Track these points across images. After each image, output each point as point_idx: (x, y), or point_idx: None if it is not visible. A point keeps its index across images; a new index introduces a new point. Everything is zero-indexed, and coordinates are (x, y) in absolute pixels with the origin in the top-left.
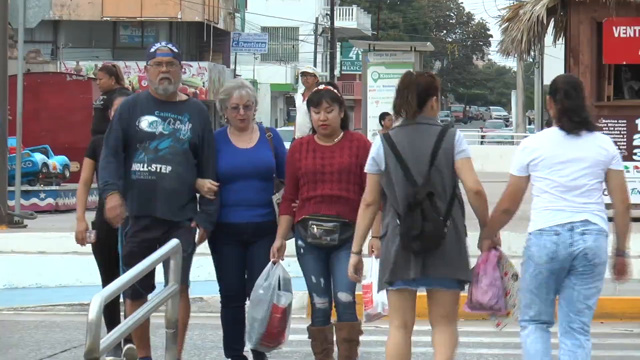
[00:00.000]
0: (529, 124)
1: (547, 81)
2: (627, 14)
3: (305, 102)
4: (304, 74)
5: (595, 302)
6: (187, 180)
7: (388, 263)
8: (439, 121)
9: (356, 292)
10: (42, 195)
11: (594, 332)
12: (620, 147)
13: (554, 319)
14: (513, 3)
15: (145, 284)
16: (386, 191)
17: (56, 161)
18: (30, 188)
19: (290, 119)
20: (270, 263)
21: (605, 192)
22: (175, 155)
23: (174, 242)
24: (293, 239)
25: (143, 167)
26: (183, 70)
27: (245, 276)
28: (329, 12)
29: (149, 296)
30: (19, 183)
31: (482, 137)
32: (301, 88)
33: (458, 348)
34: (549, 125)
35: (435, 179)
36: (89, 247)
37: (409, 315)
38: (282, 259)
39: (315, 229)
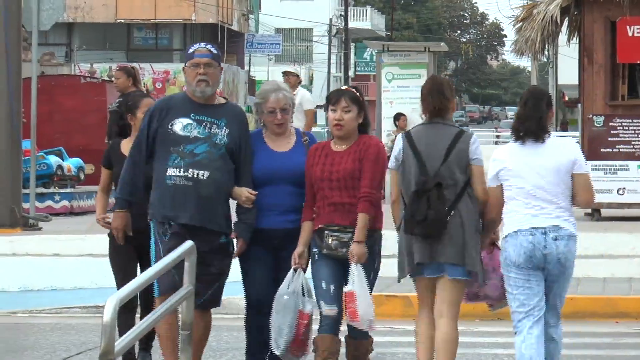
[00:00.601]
0: None
1: (562, 81)
2: None
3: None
4: (285, 73)
5: (565, 296)
6: (224, 187)
7: (402, 255)
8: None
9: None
10: (57, 197)
11: (608, 331)
12: (635, 146)
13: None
14: (527, 3)
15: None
16: (401, 185)
17: (71, 163)
18: (44, 190)
19: None
20: (291, 270)
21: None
22: (212, 161)
23: (188, 243)
24: None
25: (179, 172)
26: None
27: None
28: (342, 13)
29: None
30: (33, 185)
31: (497, 137)
32: None
33: (458, 346)
34: (564, 125)
35: (445, 173)
36: (104, 250)
37: (432, 300)
38: (304, 266)
39: (330, 240)
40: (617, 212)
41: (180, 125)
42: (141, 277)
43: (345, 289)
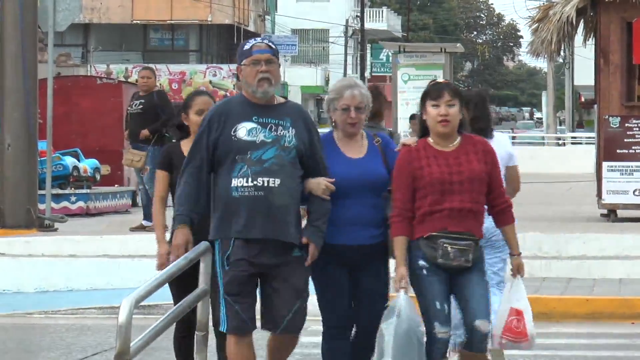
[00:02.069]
0: (560, 124)
1: (578, 82)
2: None
3: None
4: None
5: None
6: (296, 194)
7: None
8: None
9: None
10: (73, 198)
11: (625, 332)
12: None
13: None
14: (543, 4)
15: (251, 314)
16: None
17: (87, 164)
18: (60, 191)
19: (321, 121)
20: (402, 294)
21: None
22: (282, 166)
23: (203, 244)
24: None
25: (247, 181)
26: (213, 73)
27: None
28: (359, 14)
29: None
30: (49, 186)
31: (513, 137)
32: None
33: None
34: (580, 125)
35: None
36: (119, 251)
37: None
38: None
39: (449, 249)
40: (634, 213)
41: (244, 130)
42: (159, 277)
43: (513, 304)
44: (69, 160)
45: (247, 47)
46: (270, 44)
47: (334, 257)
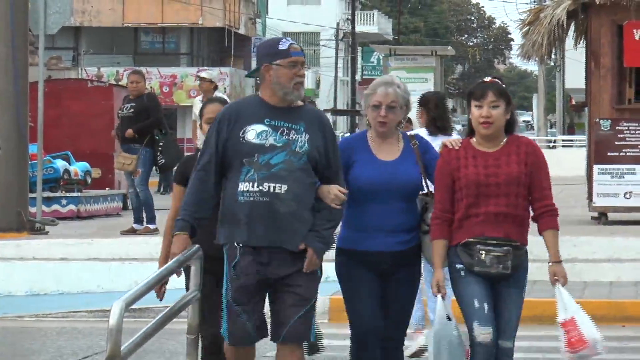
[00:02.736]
0: (551, 127)
1: (569, 85)
2: None
3: None
4: (200, 79)
5: None
6: (306, 201)
7: None
8: (459, 126)
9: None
10: (64, 201)
11: (615, 335)
12: None
13: None
14: (534, 7)
15: (258, 323)
16: None
17: (78, 167)
18: (51, 195)
19: None
20: (439, 299)
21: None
22: (291, 172)
23: (194, 247)
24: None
25: (253, 186)
26: None
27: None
28: (350, 17)
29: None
30: (40, 190)
31: None
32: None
33: None
34: (571, 129)
35: None
36: (110, 254)
37: None
38: (446, 292)
39: (484, 256)
40: (624, 216)
41: (253, 132)
42: (149, 280)
43: (560, 318)
44: (60, 164)
45: (283, 47)
46: (301, 47)
47: (364, 264)
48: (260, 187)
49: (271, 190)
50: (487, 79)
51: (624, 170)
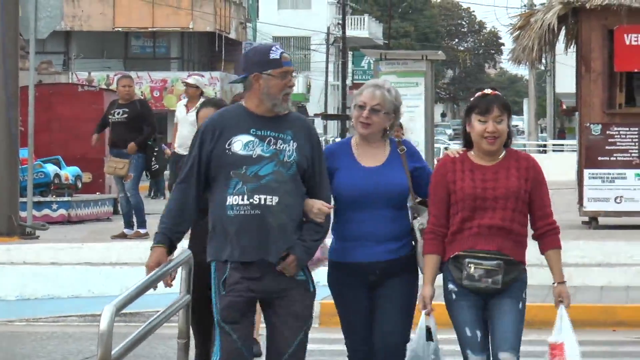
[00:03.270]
0: (541, 132)
1: (559, 89)
2: (639, 22)
3: (191, 113)
4: (185, 84)
5: None
6: (296, 213)
7: None
8: (450, 131)
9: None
10: (54, 206)
11: (606, 340)
12: (632, 154)
13: None
14: (524, 11)
15: (250, 342)
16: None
17: (68, 172)
18: (42, 199)
19: None
20: (423, 316)
21: None
22: (281, 183)
23: (185, 252)
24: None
25: (243, 199)
26: None
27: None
28: (340, 22)
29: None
30: (30, 194)
31: None
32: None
33: None
34: (562, 133)
35: None
36: (101, 258)
37: None
38: (433, 309)
39: (472, 269)
40: (615, 220)
41: (239, 143)
42: (140, 285)
43: (551, 339)
44: (51, 168)
45: (274, 55)
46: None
47: (352, 276)
48: (251, 200)
49: (262, 202)
50: (488, 91)
51: (615, 174)
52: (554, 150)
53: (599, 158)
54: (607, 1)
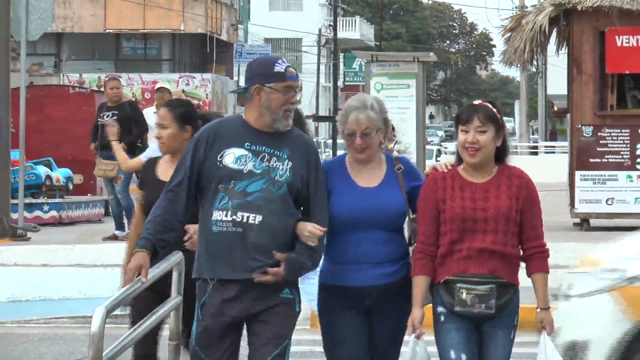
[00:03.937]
0: (533, 133)
1: (551, 91)
2: (630, 24)
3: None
4: (159, 89)
5: None
6: (281, 235)
7: None
8: (441, 132)
9: None
10: (46, 207)
11: None
12: (624, 156)
13: None
14: (516, 13)
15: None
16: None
17: (59, 174)
18: (33, 201)
19: None
20: (412, 340)
21: None
22: (268, 202)
23: (176, 254)
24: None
25: (226, 215)
26: (186, 82)
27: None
28: (332, 23)
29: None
30: (22, 196)
31: None
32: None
33: None
34: (553, 135)
35: None
36: (92, 260)
37: None
38: (423, 332)
39: (464, 295)
40: (606, 222)
41: (232, 157)
42: (131, 286)
43: None
44: (42, 170)
45: (279, 69)
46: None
47: (345, 300)
48: (234, 217)
49: (244, 220)
50: (477, 102)
51: (606, 176)
52: (545, 152)
53: (591, 160)
54: (599, 3)
